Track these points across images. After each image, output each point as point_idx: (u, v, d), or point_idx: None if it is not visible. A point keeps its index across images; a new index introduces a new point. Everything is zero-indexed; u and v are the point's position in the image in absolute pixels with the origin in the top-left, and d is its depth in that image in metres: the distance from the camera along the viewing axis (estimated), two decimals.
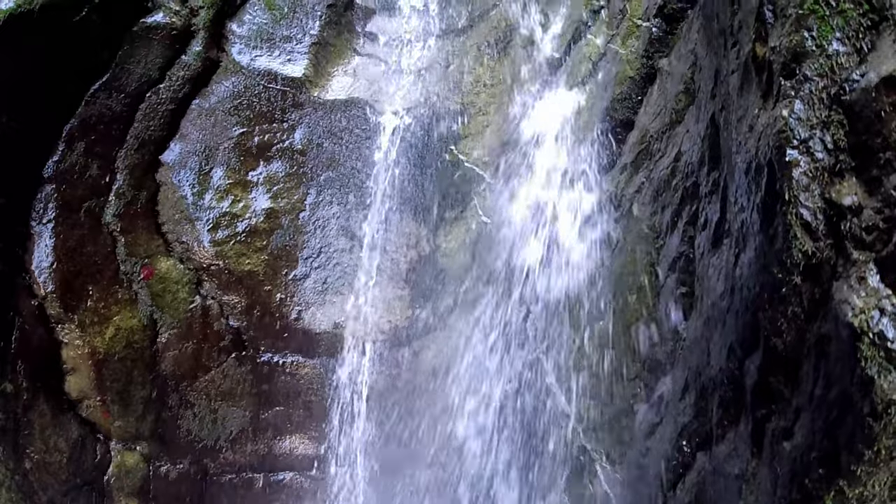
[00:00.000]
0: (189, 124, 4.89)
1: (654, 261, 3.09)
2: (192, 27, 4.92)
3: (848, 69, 1.78)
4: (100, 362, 4.53)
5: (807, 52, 1.88)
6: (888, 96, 1.61)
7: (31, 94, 4.39)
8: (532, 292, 3.86)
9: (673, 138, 3.14)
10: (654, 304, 3.02)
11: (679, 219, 2.91)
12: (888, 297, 1.54)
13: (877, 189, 1.62)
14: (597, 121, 3.92)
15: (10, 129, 4.31)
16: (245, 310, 4.76)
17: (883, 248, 1.57)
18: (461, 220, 4.72)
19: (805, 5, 1.93)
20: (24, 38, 4.26)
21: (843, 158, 1.74)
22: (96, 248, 4.60)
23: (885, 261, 1.56)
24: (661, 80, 3.49)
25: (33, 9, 4.28)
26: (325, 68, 5.21)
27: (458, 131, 5.01)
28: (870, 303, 1.55)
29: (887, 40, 1.71)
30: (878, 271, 1.57)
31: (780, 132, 1.84)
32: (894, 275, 1.54)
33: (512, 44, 5.04)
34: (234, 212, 4.84)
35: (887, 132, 1.60)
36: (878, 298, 1.55)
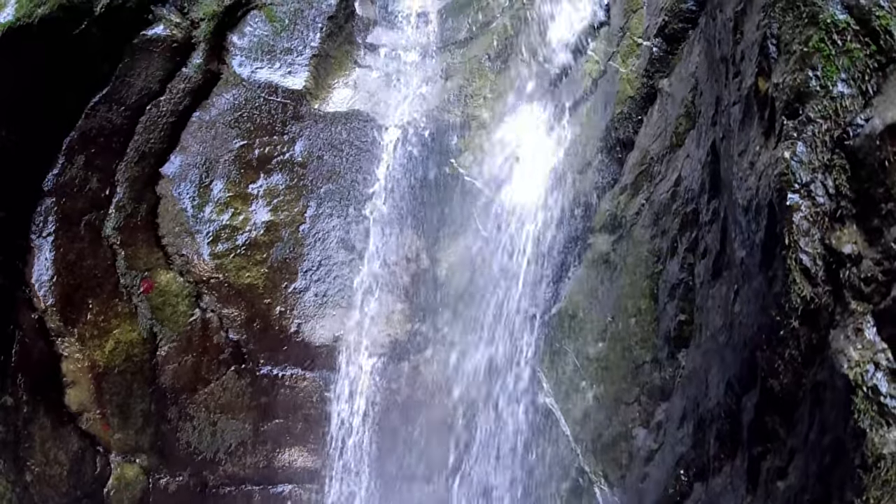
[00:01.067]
0: (189, 137, 4.89)
1: (653, 285, 3.09)
2: (192, 39, 4.92)
3: (852, 112, 1.79)
4: (99, 375, 4.54)
5: (811, 93, 1.88)
6: (892, 145, 1.62)
7: (31, 107, 4.39)
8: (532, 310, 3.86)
9: (673, 162, 3.14)
10: (653, 328, 3.03)
11: (679, 245, 2.91)
12: (883, 350, 1.55)
13: (877, 240, 1.62)
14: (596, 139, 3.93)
15: (10, 142, 4.31)
16: (245, 323, 4.77)
17: (881, 301, 1.58)
18: (461, 235, 4.73)
19: (810, 43, 1.93)
20: (23, 51, 4.26)
21: (845, 205, 1.75)
22: (96, 262, 4.60)
23: (883, 314, 1.57)
24: (661, 101, 3.49)
25: (33, 22, 4.28)
26: (325, 80, 5.21)
27: (458, 145, 5.01)
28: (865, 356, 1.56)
29: (894, 84, 1.71)
30: (874, 324, 1.58)
31: (782, 175, 1.85)
32: (891, 329, 1.55)
33: (512, 57, 5.04)
34: (235, 224, 4.84)
35: (890, 182, 1.60)
36: (874, 352, 1.56)
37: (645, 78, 3.70)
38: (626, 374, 3.18)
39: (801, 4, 2.01)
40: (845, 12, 1.89)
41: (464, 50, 5.29)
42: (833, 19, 1.89)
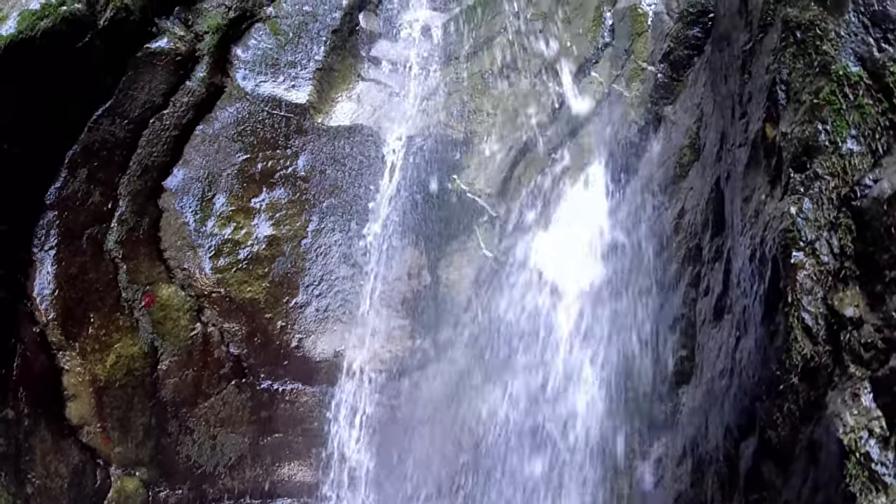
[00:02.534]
0: (192, 150, 4.89)
1: (655, 318, 3.10)
2: (196, 52, 4.91)
3: (861, 171, 1.79)
4: (100, 389, 4.55)
5: (819, 147, 1.88)
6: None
7: (34, 121, 4.38)
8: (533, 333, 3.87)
9: (677, 193, 3.14)
10: (654, 361, 3.03)
11: (681, 278, 2.91)
12: (878, 418, 1.57)
13: (879, 306, 1.63)
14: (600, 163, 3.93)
15: (12, 155, 4.31)
16: (246, 337, 4.77)
17: (879, 368, 1.59)
18: (463, 252, 4.73)
19: (821, 95, 1.93)
20: (26, 64, 4.26)
21: (849, 265, 1.75)
22: (98, 276, 4.60)
23: (880, 381, 1.58)
24: (665, 129, 3.49)
25: (35, 35, 4.27)
26: (328, 94, 5.20)
27: (460, 160, 5.00)
28: (861, 422, 1.58)
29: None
30: (871, 390, 1.60)
31: (787, 231, 1.85)
32: (887, 397, 1.56)
33: (515, 72, 5.04)
34: (237, 239, 4.84)
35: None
36: (869, 419, 1.57)
37: (649, 104, 3.70)
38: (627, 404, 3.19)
39: (813, 52, 2.01)
40: (858, 65, 1.89)
41: (467, 65, 5.29)
42: (845, 71, 1.90)
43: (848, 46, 1.92)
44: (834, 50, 1.94)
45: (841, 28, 1.95)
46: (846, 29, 1.94)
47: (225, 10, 5.04)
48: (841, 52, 1.92)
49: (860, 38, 1.90)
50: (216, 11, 5.03)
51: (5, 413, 4.37)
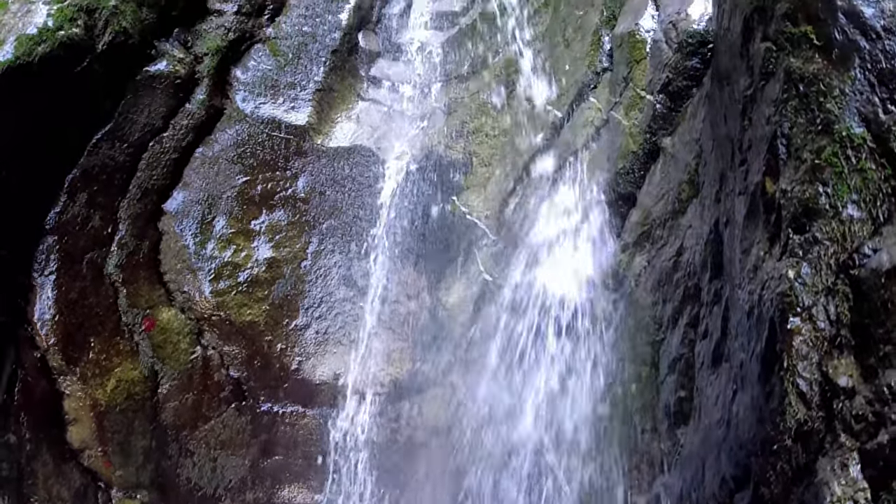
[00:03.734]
0: (192, 173, 4.90)
1: (654, 354, 3.10)
2: (196, 74, 4.92)
3: (860, 238, 1.79)
4: (101, 414, 4.56)
5: (820, 211, 1.87)
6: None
7: (32, 146, 4.38)
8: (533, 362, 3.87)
9: (676, 229, 3.14)
10: (653, 398, 3.04)
11: (680, 317, 2.92)
12: (864, 490, 1.58)
13: (872, 378, 1.64)
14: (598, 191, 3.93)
15: (11, 181, 4.31)
16: (246, 360, 4.78)
17: (868, 441, 1.60)
18: (463, 275, 4.73)
19: (822, 155, 1.92)
20: (23, 89, 4.26)
21: (844, 333, 1.75)
22: (98, 300, 4.61)
23: (868, 454, 1.59)
24: (664, 161, 3.49)
25: (33, 61, 4.27)
26: (328, 115, 5.20)
27: (460, 182, 5.01)
28: (847, 492, 1.59)
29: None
30: (859, 461, 1.61)
31: (785, 296, 1.85)
32: (874, 470, 1.57)
33: (514, 94, 5.04)
34: (237, 261, 4.85)
35: (891, 325, 1.61)
36: (855, 490, 1.59)
37: (648, 134, 3.69)
38: (627, 439, 3.20)
39: (816, 108, 2.00)
40: (862, 126, 1.88)
41: (466, 84, 5.29)
42: (848, 132, 1.89)
43: (852, 105, 1.90)
44: (837, 108, 1.93)
45: (846, 85, 1.94)
46: (851, 86, 1.93)
47: (224, 31, 5.05)
48: (845, 110, 1.91)
49: (865, 96, 1.89)
50: (215, 33, 5.03)
51: (7, 437, 4.39)
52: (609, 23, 4.47)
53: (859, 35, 1.97)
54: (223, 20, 5.07)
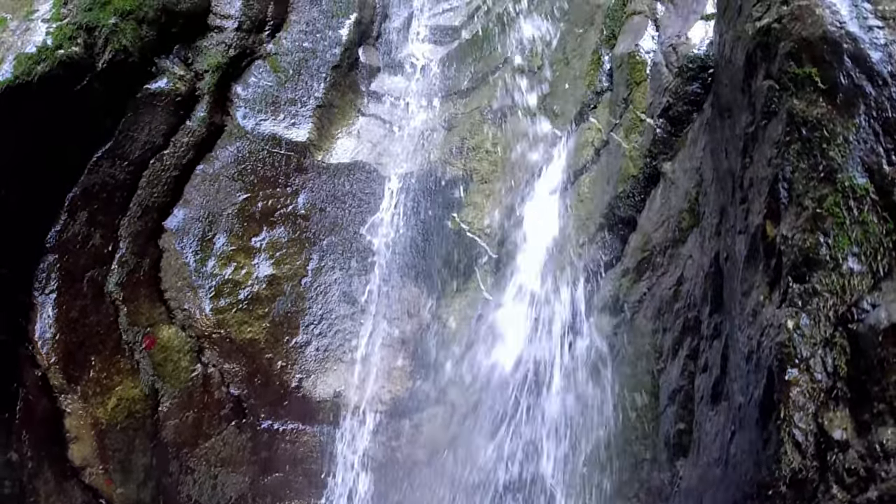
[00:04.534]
0: (193, 190, 4.90)
1: (655, 383, 3.11)
2: (196, 91, 4.92)
3: (860, 291, 1.79)
4: (102, 432, 4.57)
5: (820, 262, 1.88)
6: (894, 346, 1.62)
7: (32, 165, 4.38)
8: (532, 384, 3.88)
9: (676, 258, 3.14)
10: (653, 427, 3.04)
11: (680, 348, 2.92)
12: None
13: (865, 434, 1.65)
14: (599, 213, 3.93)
15: (11, 201, 4.31)
16: (246, 378, 4.79)
17: (858, 495, 1.61)
18: (463, 293, 4.73)
19: (824, 204, 1.92)
20: (23, 109, 4.25)
21: (841, 386, 1.76)
22: (99, 318, 4.61)
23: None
24: (664, 186, 3.49)
25: (32, 80, 4.26)
26: (329, 131, 5.21)
27: (460, 198, 5.01)
28: None
29: None
30: None
31: (784, 346, 1.86)
32: None
33: (514, 110, 5.04)
34: (237, 279, 4.85)
35: (885, 384, 1.62)
36: None
37: (648, 158, 3.69)
38: (626, 467, 3.20)
39: (819, 154, 2.00)
40: (865, 176, 1.88)
41: (465, 100, 5.29)
42: (851, 182, 1.88)
43: (856, 154, 1.90)
44: (841, 156, 1.92)
45: (850, 132, 1.93)
46: (855, 134, 1.92)
47: (225, 48, 5.05)
48: (848, 159, 1.90)
49: (870, 146, 1.89)
50: (216, 49, 5.03)
51: (9, 455, 4.40)
52: (609, 42, 4.47)
53: (865, 80, 1.96)
54: (224, 36, 5.07)
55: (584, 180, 4.15)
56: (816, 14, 2.13)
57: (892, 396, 1.63)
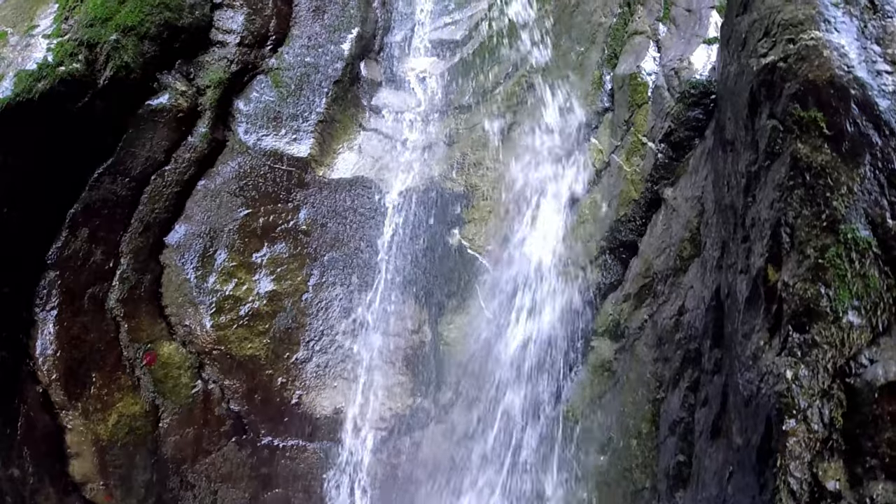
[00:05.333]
0: (194, 206, 4.90)
1: (655, 411, 3.11)
2: (198, 107, 4.92)
3: (858, 345, 1.80)
4: (103, 448, 4.58)
5: (820, 313, 1.88)
6: (889, 404, 1.63)
7: (33, 183, 4.39)
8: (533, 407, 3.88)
9: (677, 288, 3.14)
10: (653, 456, 3.05)
11: (681, 379, 2.93)
12: None
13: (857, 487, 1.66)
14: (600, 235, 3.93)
15: (11, 219, 4.32)
16: (246, 394, 4.79)
17: None
18: (463, 310, 4.74)
19: (826, 255, 1.92)
20: (23, 127, 4.26)
21: (836, 437, 1.77)
22: (99, 335, 4.62)
23: None
24: (665, 213, 3.49)
25: (32, 98, 4.27)
26: (330, 145, 5.20)
27: (461, 215, 5.01)
28: None
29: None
30: None
31: (782, 397, 1.86)
32: None
33: (515, 126, 5.04)
34: (238, 295, 4.85)
35: (878, 440, 1.63)
36: None
37: (649, 182, 3.70)
38: (625, 495, 3.21)
39: (822, 203, 1.99)
40: (868, 229, 1.88)
41: (467, 116, 5.29)
42: (854, 235, 1.88)
43: (860, 206, 1.90)
44: (844, 207, 1.92)
45: (854, 182, 1.93)
46: (860, 185, 1.92)
47: (227, 63, 5.05)
48: (852, 210, 1.90)
49: (874, 197, 1.88)
50: (218, 65, 5.03)
51: (11, 471, 4.41)
52: (610, 61, 4.47)
53: (872, 129, 1.96)
54: (226, 51, 5.07)
55: (586, 201, 4.15)
56: (824, 56, 2.12)
57: (884, 453, 1.64)
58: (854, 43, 2.11)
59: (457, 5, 5.74)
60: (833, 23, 2.18)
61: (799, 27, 2.25)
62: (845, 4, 2.22)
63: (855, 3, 2.21)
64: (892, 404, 1.64)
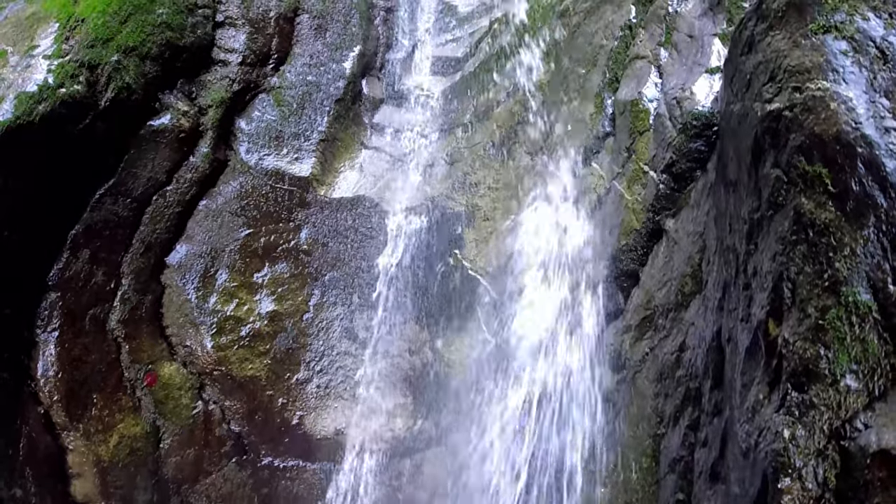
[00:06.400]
0: (196, 225, 4.90)
1: (655, 447, 3.12)
2: (200, 127, 4.92)
3: (855, 409, 1.80)
4: (104, 469, 4.59)
5: (819, 375, 1.88)
6: (880, 471, 1.64)
7: (34, 205, 4.38)
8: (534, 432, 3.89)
9: (678, 323, 3.14)
10: (653, 491, 3.05)
11: (681, 417, 2.93)
12: None
13: None
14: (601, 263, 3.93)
15: (13, 241, 4.32)
16: (247, 415, 4.80)
17: None
18: (464, 332, 4.74)
19: (827, 316, 1.92)
20: (24, 149, 4.26)
21: (829, 497, 1.78)
22: (100, 356, 4.63)
23: None
24: (667, 245, 3.49)
25: (33, 120, 4.26)
26: (331, 164, 5.20)
27: (462, 235, 5.01)
28: None
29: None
30: None
31: (779, 455, 1.87)
32: None
33: (516, 147, 5.03)
34: (239, 315, 4.86)
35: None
36: None
37: (651, 213, 3.69)
38: None
39: (824, 262, 1.99)
40: (869, 293, 1.87)
41: (468, 134, 5.28)
42: (855, 298, 1.88)
43: (862, 268, 1.89)
44: (846, 269, 1.91)
45: (858, 244, 1.92)
46: (863, 247, 1.91)
47: (229, 82, 5.05)
48: (854, 273, 1.89)
49: (876, 261, 1.87)
50: (220, 84, 5.03)
51: (14, 491, 4.42)
52: (612, 85, 4.47)
53: (878, 190, 1.94)
54: (228, 70, 5.07)
55: (588, 226, 4.15)
56: (831, 108, 2.11)
57: None
58: (862, 96, 2.09)
59: (458, 22, 5.73)
60: (841, 73, 2.17)
61: (806, 75, 2.24)
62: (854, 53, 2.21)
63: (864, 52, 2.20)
64: (882, 471, 1.65)
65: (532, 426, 3.85)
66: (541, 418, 3.80)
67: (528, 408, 3.92)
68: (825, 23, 2.28)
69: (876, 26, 2.22)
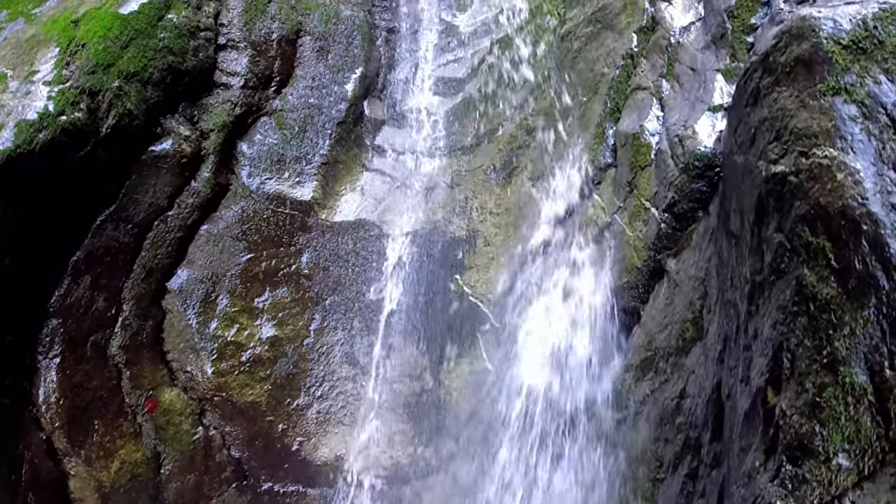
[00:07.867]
0: (197, 250, 4.91)
1: (655, 491, 3.13)
2: (201, 151, 4.92)
3: (844, 487, 1.82)
4: (105, 495, 4.61)
5: (813, 452, 1.90)
6: None
7: (35, 232, 4.38)
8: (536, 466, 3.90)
9: (679, 369, 3.15)
10: None
11: (681, 465, 2.94)
12: None
13: None
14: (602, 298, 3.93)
15: (13, 269, 4.32)
16: (247, 440, 4.82)
17: None
18: (465, 359, 4.75)
19: (823, 394, 1.93)
20: (24, 177, 4.25)
21: None
22: (102, 382, 4.64)
23: None
24: (668, 286, 3.49)
25: (34, 148, 4.25)
26: (333, 188, 5.20)
27: (463, 261, 5.01)
28: None
29: (883, 479, 1.74)
30: None
31: None
32: None
33: (518, 171, 5.03)
34: (239, 340, 4.87)
35: None
36: None
37: (652, 251, 3.69)
38: None
39: (824, 338, 1.99)
40: (866, 375, 1.87)
41: (469, 157, 5.28)
42: (852, 380, 1.88)
43: (861, 349, 1.89)
44: (845, 349, 1.91)
45: (858, 325, 1.92)
46: (863, 328, 1.90)
47: (231, 106, 5.04)
48: (852, 353, 1.90)
49: (874, 343, 1.88)
50: (222, 108, 5.02)
51: None
52: (613, 115, 4.46)
53: (881, 271, 1.93)
54: (230, 94, 5.06)
55: (588, 259, 4.15)
56: (837, 180, 2.08)
57: None
58: (870, 168, 2.06)
59: (459, 43, 5.72)
60: (850, 141, 2.13)
61: (813, 140, 2.20)
62: (864, 120, 2.16)
63: (874, 119, 2.15)
64: None
65: (533, 458, 3.86)
66: (542, 450, 3.81)
67: (528, 439, 3.93)
68: (835, 84, 2.23)
69: (888, 91, 2.17)
